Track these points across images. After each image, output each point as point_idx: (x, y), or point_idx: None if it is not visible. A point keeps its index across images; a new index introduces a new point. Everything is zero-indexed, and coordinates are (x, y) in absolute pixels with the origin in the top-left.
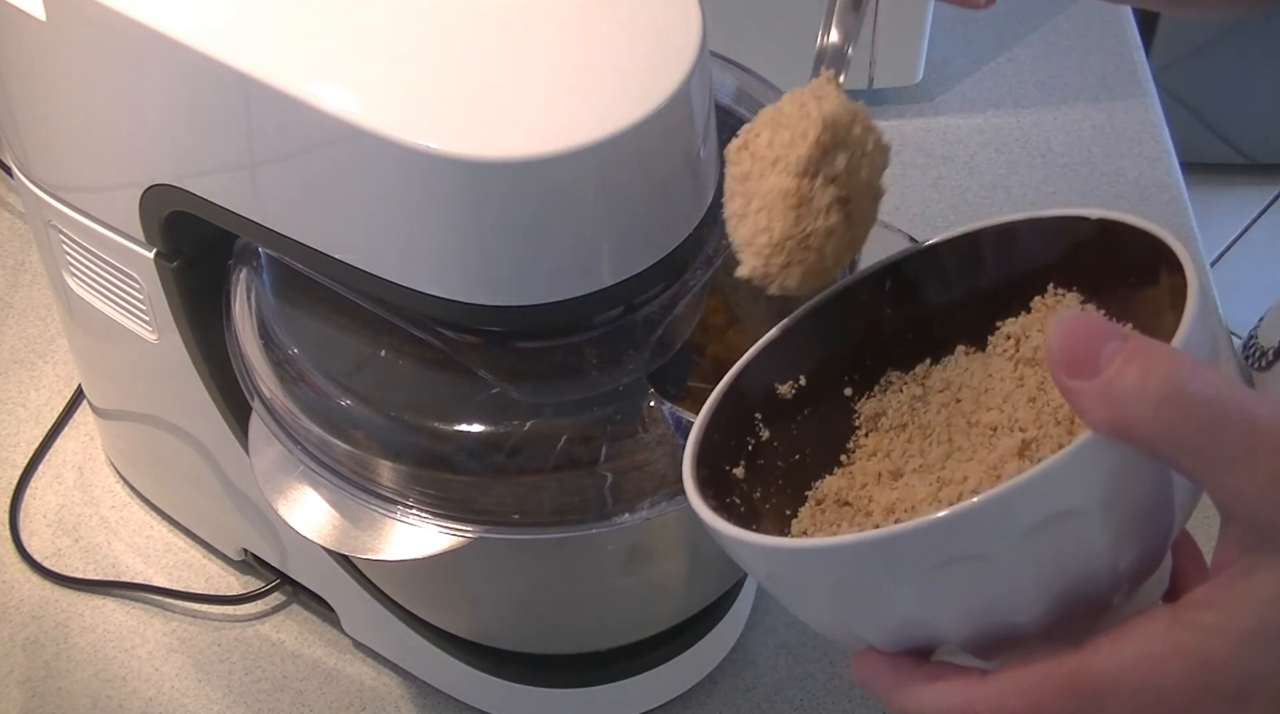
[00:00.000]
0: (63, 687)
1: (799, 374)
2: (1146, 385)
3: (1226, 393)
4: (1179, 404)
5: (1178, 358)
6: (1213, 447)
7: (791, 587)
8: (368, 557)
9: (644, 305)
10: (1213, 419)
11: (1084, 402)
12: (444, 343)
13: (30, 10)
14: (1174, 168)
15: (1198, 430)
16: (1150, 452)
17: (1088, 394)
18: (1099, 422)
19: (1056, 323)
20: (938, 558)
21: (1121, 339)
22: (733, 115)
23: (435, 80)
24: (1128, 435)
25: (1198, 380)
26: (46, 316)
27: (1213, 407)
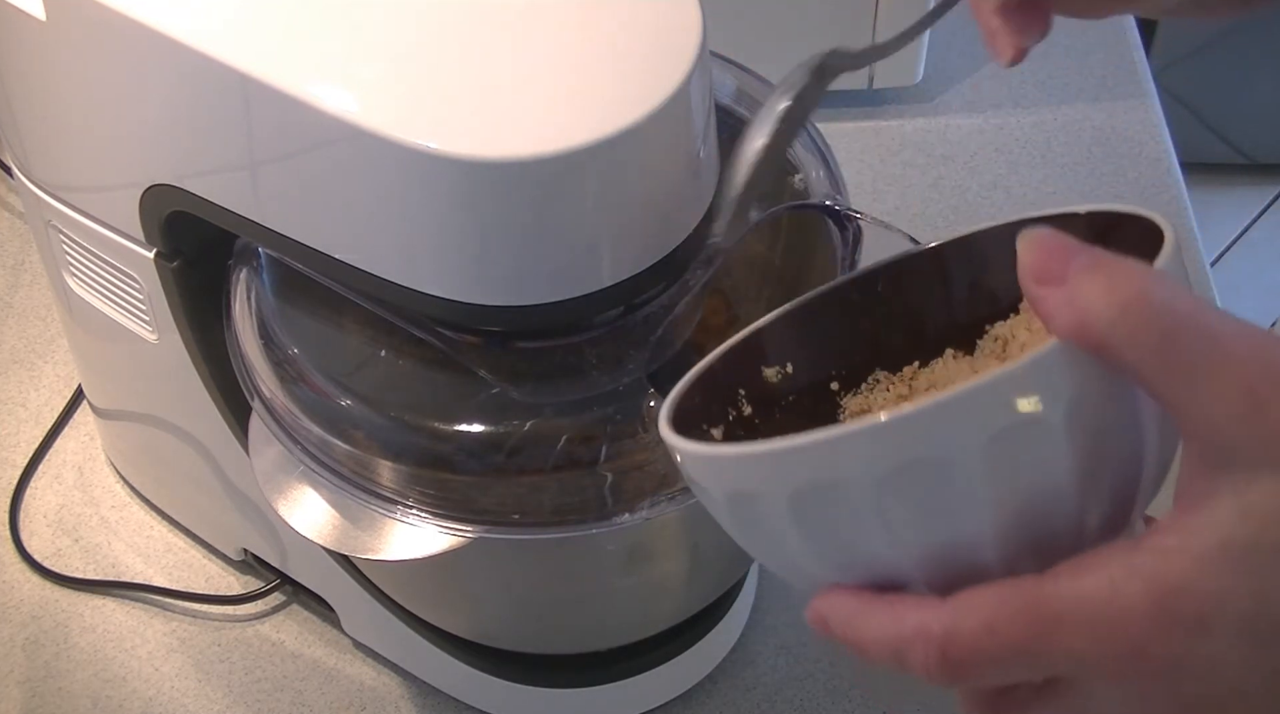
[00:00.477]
0: (63, 687)
1: (786, 362)
2: (1112, 291)
3: (1191, 304)
4: (1142, 309)
5: (1145, 269)
6: (1174, 354)
7: (752, 509)
8: (368, 557)
9: (644, 305)
10: (1175, 327)
11: (1049, 307)
12: (444, 343)
13: (30, 10)
14: (1174, 168)
15: (1160, 337)
16: (1112, 358)
17: (1053, 299)
18: (1063, 326)
19: (1026, 236)
20: (900, 457)
21: (1090, 252)
22: (733, 115)
23: (435, 80)
24: (1090, 339)
25: (1164, 290)
26: (46, 316)
27: (1176, 315)
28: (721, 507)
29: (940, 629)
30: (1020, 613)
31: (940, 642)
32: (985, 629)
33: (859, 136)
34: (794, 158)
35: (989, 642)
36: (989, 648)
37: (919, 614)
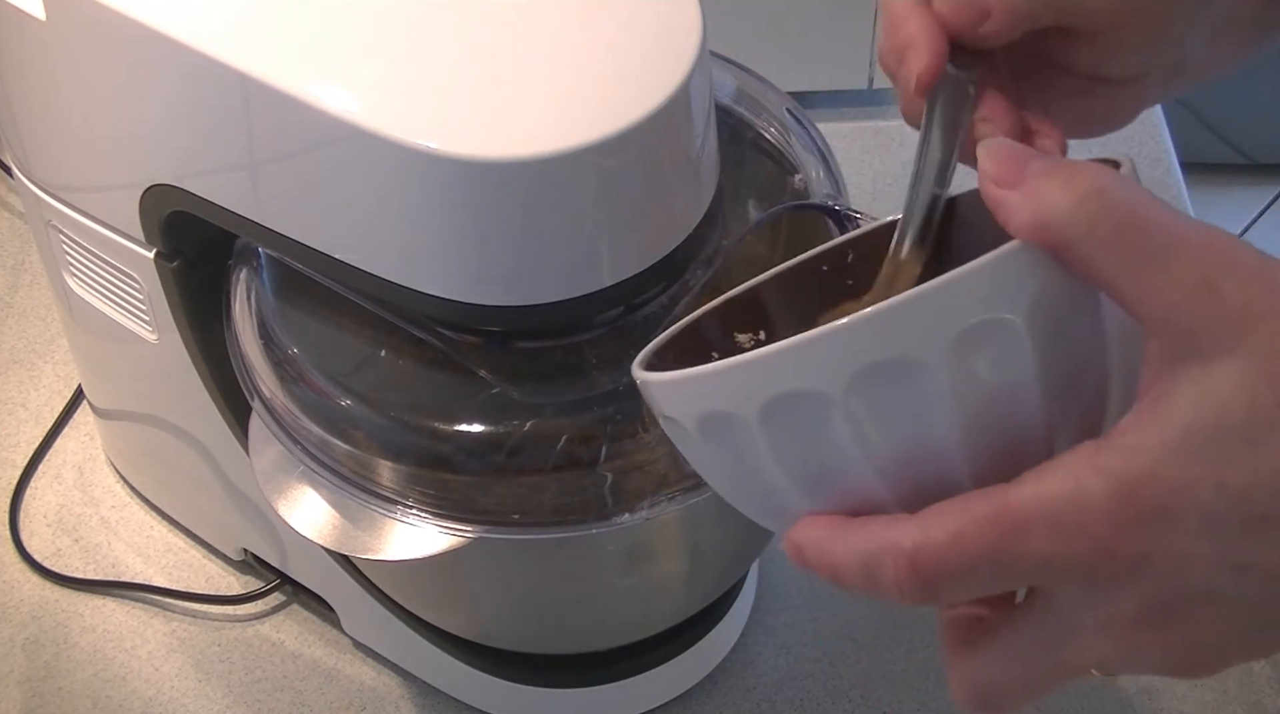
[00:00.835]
0: (63, 687)
1: (758, 329)
2: (1069, 187)
3: (1146, 199)
4: (1100, 202)
5: (1101, 168)
6: (1131, 246)
7: (725, 434)
8: (368, 557)
9: (644, 305)
10: (1132, 219)
11: (1009, 208)
12: (444, 343)
13: (30, 10)
14: (1174, 168)
15: (1117, 229)
16: (1071, 255)
17: (1012, 199)
18: (1022, 224)
19: (985, 145)
20: (867, 358)
21: (1048, 158)
22: (733, 115)
23: (435, 80)
24: (1049, 235)
25: (1119, 186)
26: (46, 316)
27: (1133, 209)
28: (694, 437)
29: (910, 543)
30: (987, 520)
31: (910, 554)
32: (953, 538)
33: (859, 136)
34: (794, 158)
35: (957, 551)
36: (957, 558)
37: (889, 531)
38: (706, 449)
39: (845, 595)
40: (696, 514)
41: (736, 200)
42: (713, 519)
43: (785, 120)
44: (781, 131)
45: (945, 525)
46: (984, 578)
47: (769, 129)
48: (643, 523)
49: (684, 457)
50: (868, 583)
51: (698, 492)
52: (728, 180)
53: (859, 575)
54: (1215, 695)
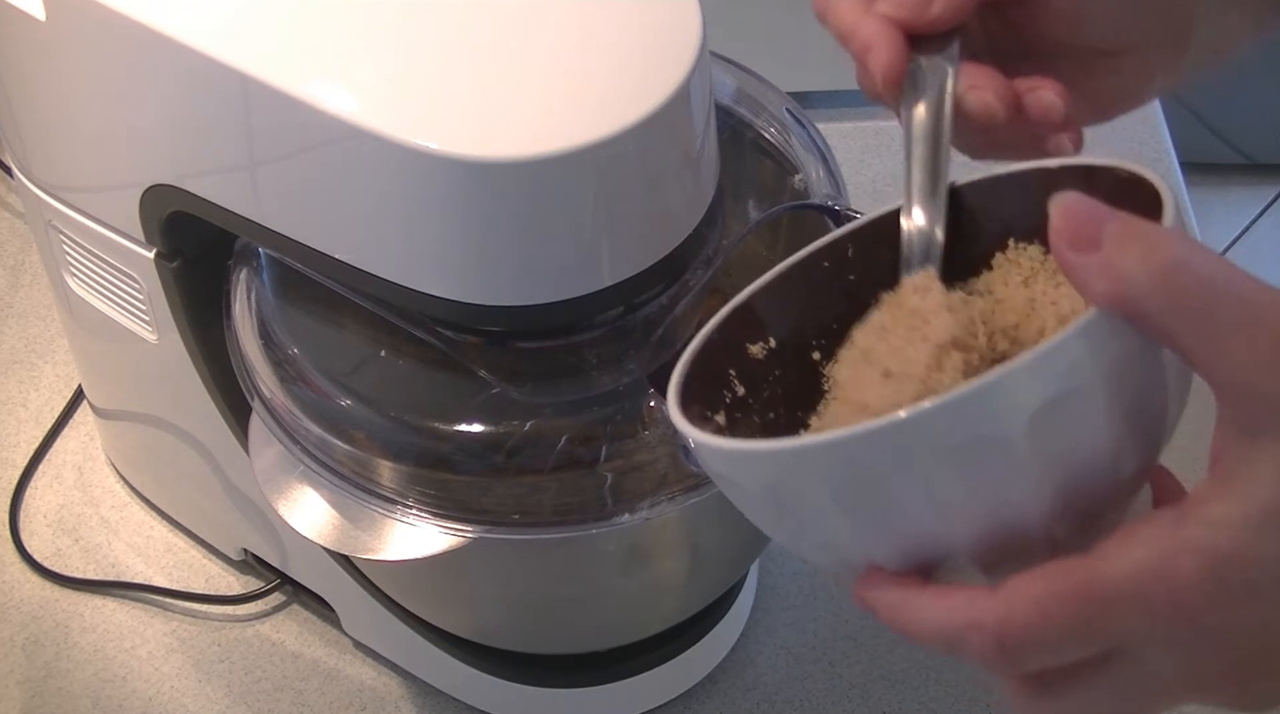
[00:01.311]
0: (63, 687)
1: (768, 336)
2: (1148, 259)
3: (1226, 270)
4: (1180, 276)
5: (1179, 235)
6: (1210, 319)
7: (791, 501)
8: (368, 557)
9: (644, 305)
10: (1212, 291)
11: (1087, 276)
12: (444, 343)
13: (30, 10)
14: (1174, 168)
15: (1197, 303)
16: (1149, 326)
17: (1090, 268)
18: (1101, 294)
19: (1058, 201)
20: (948, 443)
21: (1123, 219)
22: (733, 115)
23: (435, 80)
24: (1129, 308)
25: (1198, 256)
26: (46, 316)
27: (1212, 280)
28: (754, 496)
29: (994, 620)
30: (1073, 595)
31: (995, 632)
32: (1040, 615)
33: (859, 136)
34: (794, 158)
35: (1044, 626)
36: (1044, 633)
37: (971, 607)
38: (765, 506)
39: (845, 595)
40: (696, 514)
41: (736, 200)
42: (713, 519)
43: (785, 120)
44: (781, 131)
45: (1030, 601)
46: (1070, 649)
47: (769, 129)
48: (643, 523)
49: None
50: (949, 652)
51: (698, 492)
52: (728, 180)
53: (940, 645)
54: None
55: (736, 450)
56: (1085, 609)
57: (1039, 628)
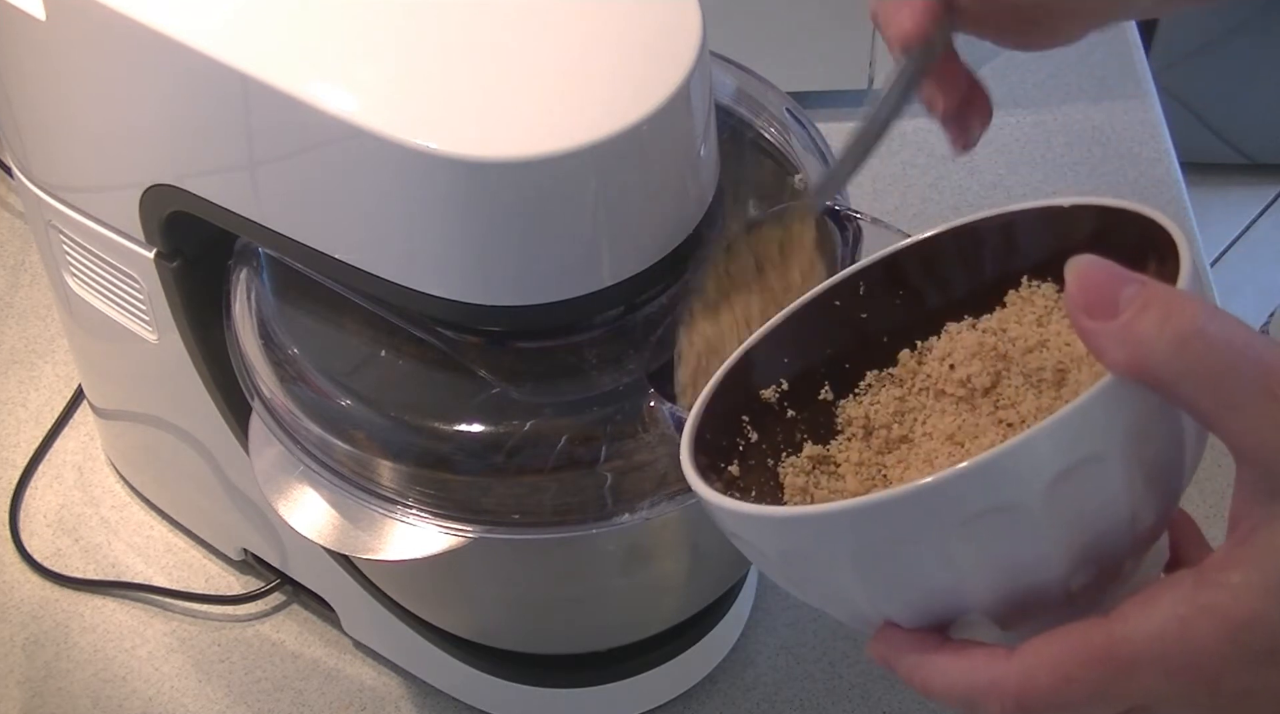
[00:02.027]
0: (63, 687)
1: (780, 378)
2: (1166, 326)
3: (1244, 336)
4: (1198, 344)
5: (1197, 301)
6: (1230, 386)
7: (807, 563)
8: (368, 557)
9: (644, 305)
10: (1231, 359)
11: (1103, 342)
12: (444, 343)
13: (30, 10)
14: (1174, 168)
15: (1216, 370)
16: (1168, 393)
17: (1107, 335)
18: (1119, 362)
19: (1073, 265)
20: (965, 512)
21: (1140, 283)
22: (733, 115)
23: (435, 80)
24: (1147, 376)
25: (1216, 322)
26: (46, 316)
27: (1231, 347)
28: (770, 558)
29: (1014, 685)
30: (1093, 660)
31: (1016, 695)
32: (1061, 679)
33: None
34: (794, 158)
35: (1064, 689)
36: (1065, 696)
37: (990, 670)
38: (783, 567)
39: None
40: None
41: (736, 200)
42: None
43: (785, 120)
44: (781, 131)
45: (1050, 665)
46: (1089, 711)
47: (769, 129)
48: (643, 523)
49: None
50: (966, 710)
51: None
52: (728, 180)
53: (958, 703)
54: None
55: (752, 515)
56: (1105, 673)
57: (1059, 691)
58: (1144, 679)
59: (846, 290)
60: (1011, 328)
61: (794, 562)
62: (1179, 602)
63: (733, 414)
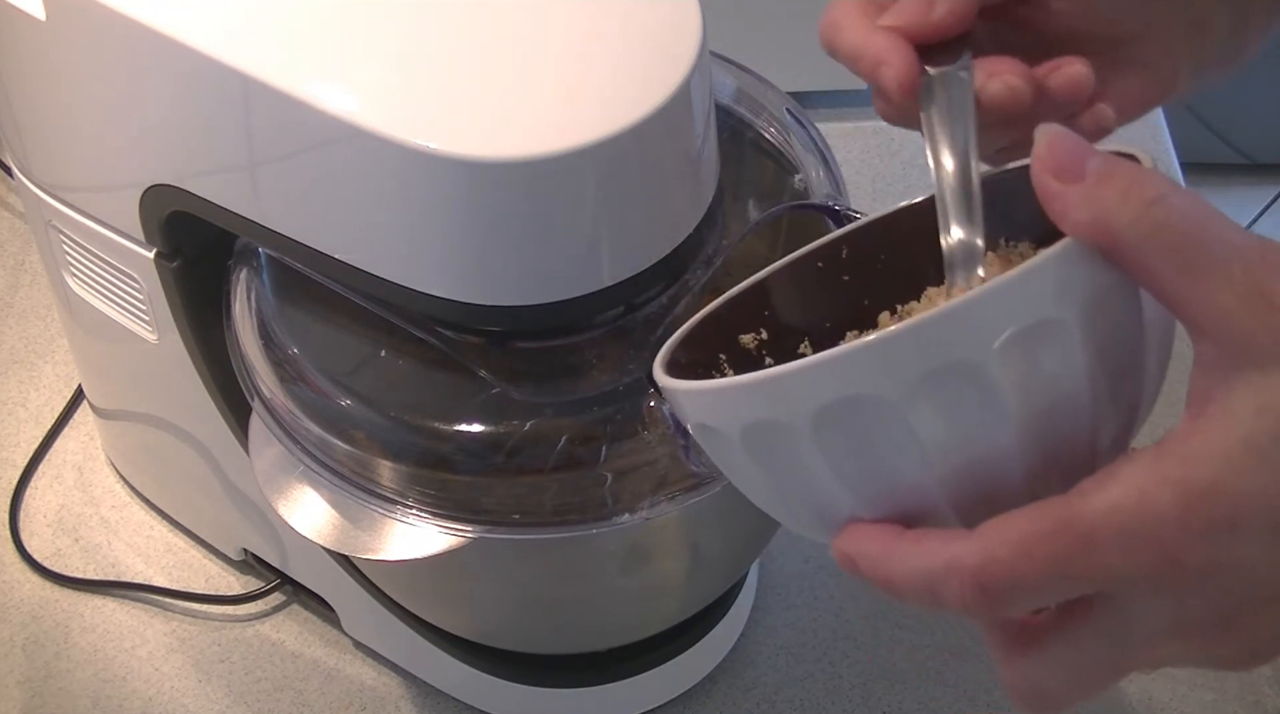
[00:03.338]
0: (63, 687)
1: (760, 328)
2: (1130, 191)
3: (1206, 209)
4: (1161, 210)
5: (1161, 175)
6: (1190, 253)
7: (770, 441)
8: (368, 557)
9: (644, 305)
10: (1192, 228)
11: (1067, 203)
12: (444, 343)
13: (30, 10)
14: (1174, 168)
15: (1177, 236)
16: (1128, 259)
17: (1071, 195)
18: (1080, 223)
19: (1043, 130)
20: (924, 366)
21: (1107, 156)
22: (733, 115)
23: (435, 80)
24: (1108, 239)
25: (1179, 193)
26: (46, 316)
27: (1192, 217)
28: (735, 446)
29: (974, 560)
30: (1052, 533)
31: (974, 572)
32: (1019, 554)
33: (859, 136)
34: (794, 158)
35: (1024, 566)
36: (1024, 572)
37: (949, 548)
38: (746, 457)
39: (845, 595)
40: (696, 514)
41: (736, 200)
42: (713, 519)
43: (785, 120)
44: (781, 131)
45: (1009, 541)
46: (1051, 590)
47: (769, 129)
48: (643, 523)
49: (715, 463)
50: (929, 600)
51: (698, 492)
52: (728, 180)
53: (920, 592)
54: (1215, 695)
55: (714, 387)
56: (1064, 546)
57: (1019, 568)
58: (1103, 552)
59: (829, 253)
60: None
61: (758, 442)
62: (1138, 474)
63: (710, 349)
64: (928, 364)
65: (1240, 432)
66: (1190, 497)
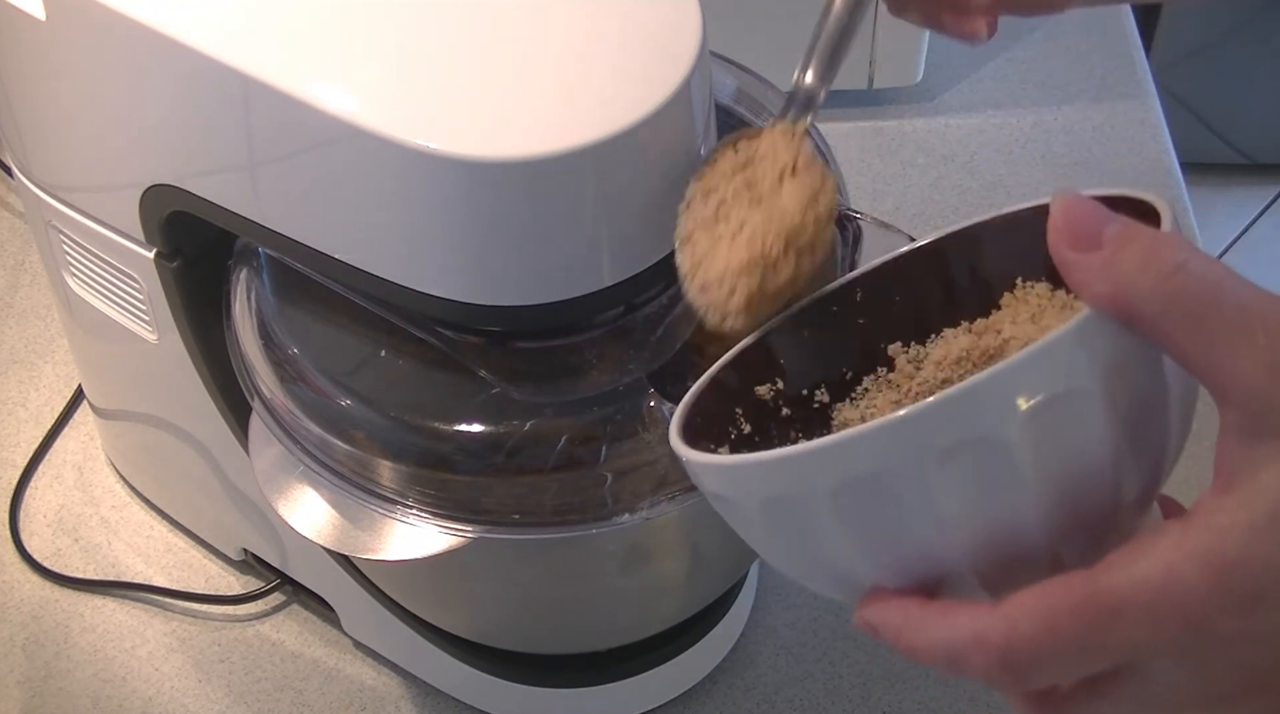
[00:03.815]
0: (63, 687)
1: (775, 377)
2: (1149, 260)
3: (1224, 273)
4: (1179, 279)
5: (1179, 239)
6: (1209, 321)
7: (789, 514)
8: (368, 557)
9: (644, 305)
10: (1211, 294)
11: (1085, 275)
12: (444, 343)
13: (30, 10)
14: (1174, 168)
15: (1196, 304)
16: (1148, 328)
17: (1089, 267)
18: (1100, 295)
19: (1059, 197)
20: (944, 441)
21: (1124, 221)
22: (733, 115)
23: (435, 80)
24: (1128, 309)
25: (1197, 259)
26: (46, 316)
27: (1211, 283)
28: (754, 516)
29: (999, 637)
30: (1078, 609)
31: (1000, 647)
32: (1045, 630)
33: (859, 136)
34: None
35: (1049, 641)
36: (1050, 648)
37: (974, 623)
38: (765, 525)
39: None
40: (696, 514)
41: None
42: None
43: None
44: None
45: (1035, 615)
46: (1076, 664)
47: None
48: (643, 523)
49: (731, 526)
50: (953, 669)
51: (698, 492)
52: None
53: (943, 663)
54: None
55: (732, 464)
56: (1091, 622)
57: (1044, 643)
58: (1130, 627)
59: (844, 296)
60: (1006, 328)
61: (777, 514)
62: (1165, 549)
63: (726, 404)
64: (950, 439)
65: (1266, 504)
66: (1218, 570)
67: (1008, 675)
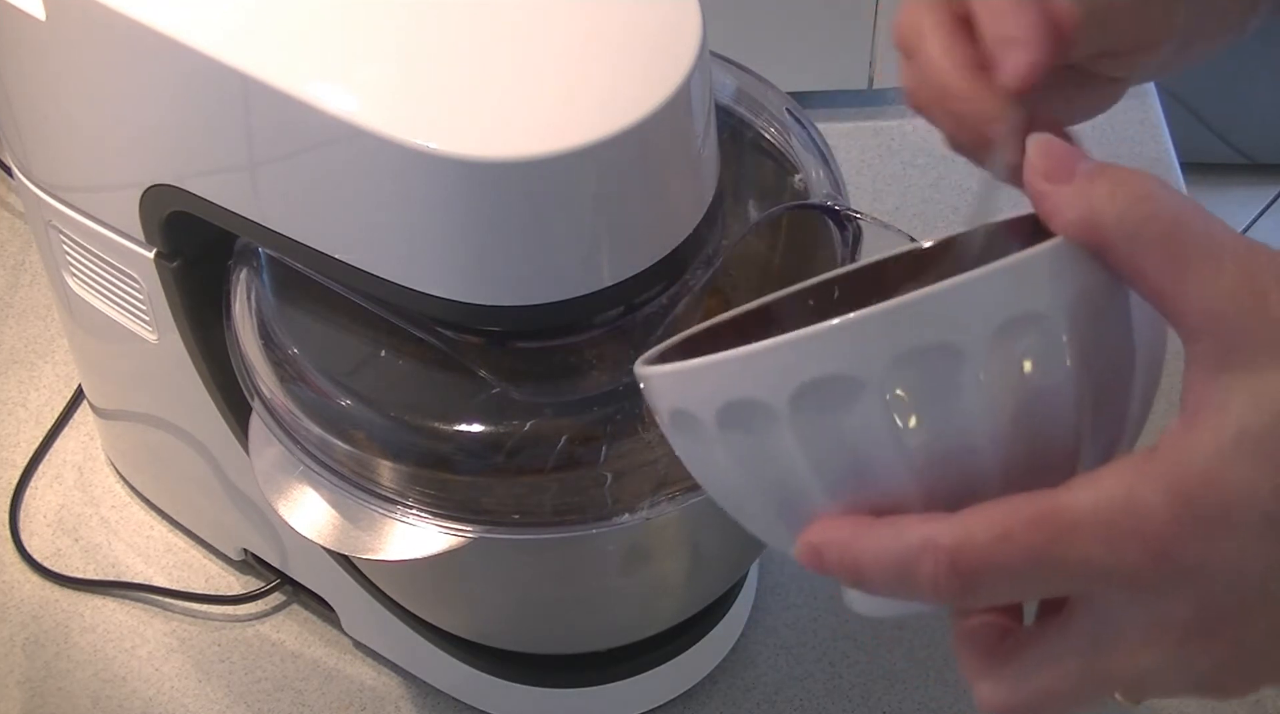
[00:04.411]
0: (63, 687)
1: None
2: (1118, 189)
3: (1193, 206)
4: (1148, 207)
5: (1149, 174)
6: (1178, 250)
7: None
8: (368, 557)
9: (644, 305)
10: (1178, 224)
11: (1056, 203)
12: (444, 343)
13: (30, 10)
14: (1174, 168)
15: (1164, 233)
16: (1116, 257)
17: (1060, 195)
18: (1070, 221)
19: (1036, 137)
20: (909, 343)
21: (1096, 161)
22: (733, 115)
23: (435, 80)
24: (1095, 235)
25: (1165, 192)
26: (46, 316)
27: (1179, 214)
28: (708, 431)
29: (950, 540)
30: (1035, 521)
31: (950, 551)
32: (999, 537)
33: (859, 136)
34: (794, 158)
35: (1002, 550)
36: (1003, 557)
37: (924, 527)
38: (719, 446)
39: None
40: (696, 514)
41: (736, 200)
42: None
43: (785, 120)
44: (781, 131)
45: (990, 524)
46: (1027, 580)
47: (769, 129)
48: (643, 523)
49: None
50: (900, 581)
51: (698, 492)
52: (728, 180)
53: (891, 573)
54: None
55: (693, 366)
56: (1048, 534)
57: (997, 551)
58: (1087, 544)
59: (821, 293)
60: None
61: (734, 430)
62: (1127, 471)
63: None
64: (911, 343)
65: (1233, 427)
66: (1180, 491)
67: (956, 583)
